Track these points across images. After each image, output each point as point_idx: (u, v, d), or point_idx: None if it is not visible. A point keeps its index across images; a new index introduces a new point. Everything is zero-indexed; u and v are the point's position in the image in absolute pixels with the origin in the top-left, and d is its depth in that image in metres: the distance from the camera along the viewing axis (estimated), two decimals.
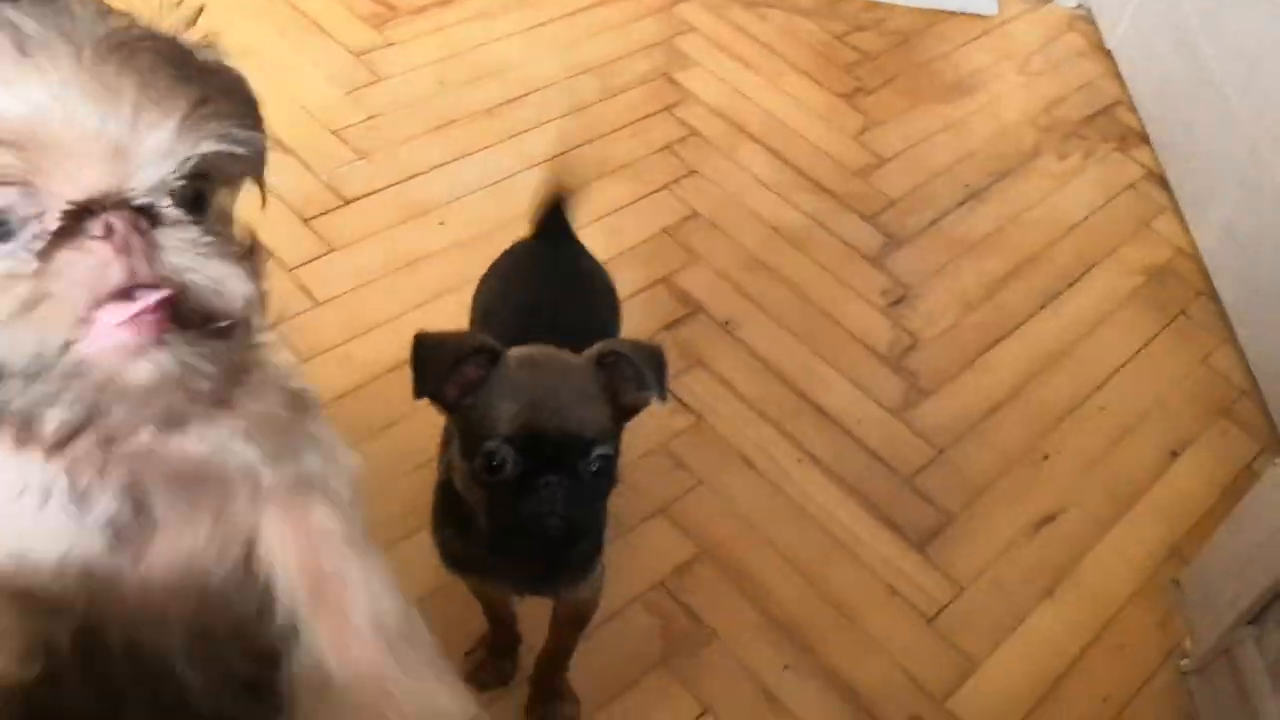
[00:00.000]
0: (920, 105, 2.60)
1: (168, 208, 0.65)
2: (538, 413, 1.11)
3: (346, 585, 0.81)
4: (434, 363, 1.14)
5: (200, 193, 0.68)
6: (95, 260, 0.62)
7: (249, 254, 0.72)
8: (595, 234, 1.85)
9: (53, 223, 0.62)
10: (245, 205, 0.76)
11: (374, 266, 1.99)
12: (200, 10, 0.72)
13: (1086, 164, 2.52)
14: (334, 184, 2.13)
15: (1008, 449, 1.93)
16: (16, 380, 0.64)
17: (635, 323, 1.79)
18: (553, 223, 1.55)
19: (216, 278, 0.67)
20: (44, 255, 0.62)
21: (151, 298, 0.64)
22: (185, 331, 0.66)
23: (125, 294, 0.64)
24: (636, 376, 1.16)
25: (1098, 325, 2.17)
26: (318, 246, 2.02)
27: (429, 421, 1.49)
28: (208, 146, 0.66)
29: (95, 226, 0.62)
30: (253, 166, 0.74)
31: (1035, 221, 2.36)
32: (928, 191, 2.38)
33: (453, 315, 1.57)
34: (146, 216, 0.64)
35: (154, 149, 0.64)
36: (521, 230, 1.58)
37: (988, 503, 1.84)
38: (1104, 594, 1.75)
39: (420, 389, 1.14)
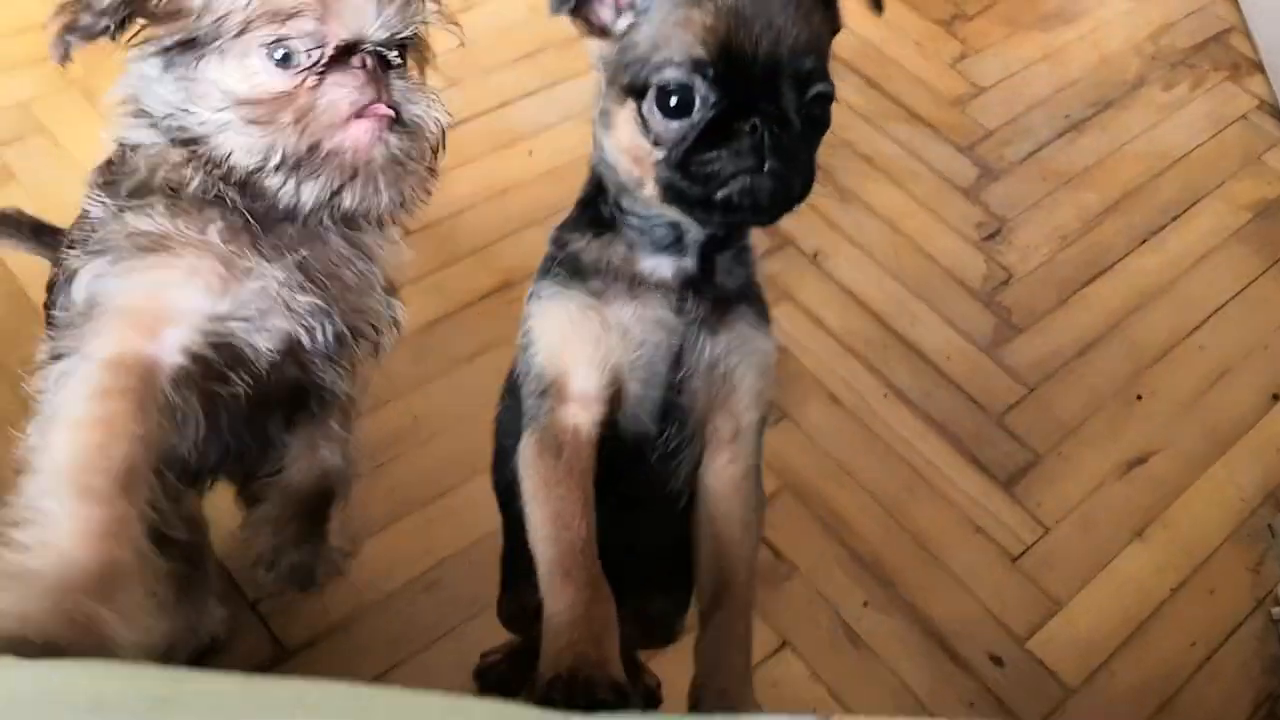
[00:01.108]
0: (1019, 33, 2.52)
1: (394, 56, 0.93)
2: (741, 26, 0.79)
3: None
4: None
5: (402, 53, 0.96)
6: (354, 82, 0.90)
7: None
8: None
9: (329, 54, 0.89)
10: None
11: (464, 195, 2.00)
12: None
13: (1194, 94, 2.43)
14: None
15: (1100, 388, 1.89)
16: (281, 172, 0.90)
17: None
18: None
19: (423, 110, 0.96)
20: (320, 76, 0.89)
21: (384, 110, 0.92)
22: (396, 130, 0.94)
23: (365, 112, 0.91)
24: None
25: (1200, 262, 2.11)
26: None
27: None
28: (417, 20, 0.95)
29: (356, 60, 0.90)
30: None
31: (1137, 154, 2.29)
32: (1026, 122, 2.32)
33: (541, 247, 1.57)
34: (382, 60, 0.92)
35: (390, 13, 0.91)
36: None
37: (1077, 442, 1.81)
38: (1195, 538, 1.72)
39: None
